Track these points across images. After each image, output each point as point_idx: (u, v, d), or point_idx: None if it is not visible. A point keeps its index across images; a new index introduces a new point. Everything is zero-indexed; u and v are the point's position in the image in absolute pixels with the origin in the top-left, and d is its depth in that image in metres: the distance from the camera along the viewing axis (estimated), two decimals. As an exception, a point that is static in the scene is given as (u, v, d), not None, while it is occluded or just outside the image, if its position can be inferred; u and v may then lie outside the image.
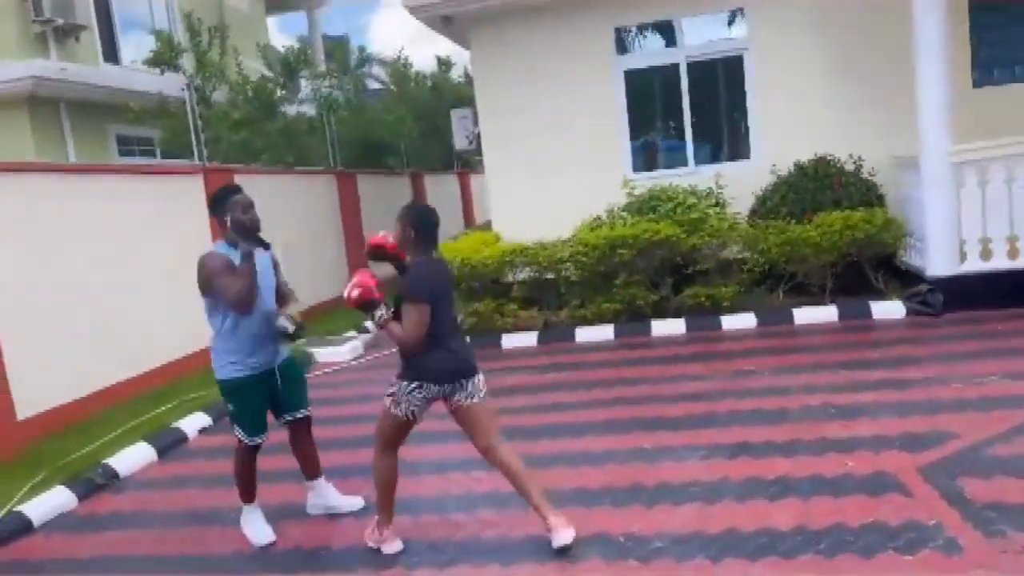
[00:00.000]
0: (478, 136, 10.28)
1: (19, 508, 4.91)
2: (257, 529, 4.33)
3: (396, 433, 3.89)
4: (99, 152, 12.01)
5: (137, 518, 4.90)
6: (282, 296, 4.37)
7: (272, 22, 19.23)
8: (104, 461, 5.65)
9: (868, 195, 8.35)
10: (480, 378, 3.87)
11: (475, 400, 3.82)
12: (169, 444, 6.18)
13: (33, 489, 5.22)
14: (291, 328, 4.09)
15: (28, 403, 6.17)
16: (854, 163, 8.63)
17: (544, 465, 4.80)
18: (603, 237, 8.03)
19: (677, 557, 3.55)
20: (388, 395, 3.84)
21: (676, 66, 9.44)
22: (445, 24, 9.75)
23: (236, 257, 3.99)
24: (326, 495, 4.56)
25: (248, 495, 4.40)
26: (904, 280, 8.12)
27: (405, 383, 3.76)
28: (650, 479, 4.44)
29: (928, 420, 4.83)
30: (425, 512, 4.38)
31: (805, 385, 5.84)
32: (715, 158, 9.68)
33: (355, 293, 3.73)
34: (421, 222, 3.80)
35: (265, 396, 4.24)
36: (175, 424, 6.49)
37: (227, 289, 3.92)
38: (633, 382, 6.52)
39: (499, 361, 7.75)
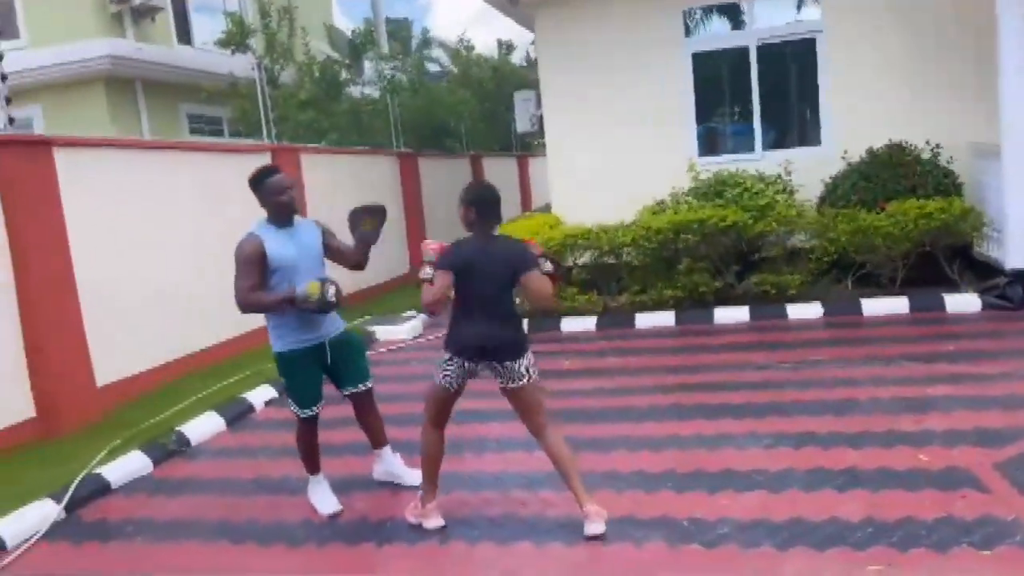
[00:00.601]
0: (540, 118, 10.25)
1: (98, 471, 5.11)
2: (323, 499, 4.44)
3: (438, 404, 3.96)
4: (171, 129, 12.35)
5: (209, 484, 5.06)
6: (343, 255, 4.48)
7: (337, 4, 19.47)
8: (177, 428, 5.84)
9: (945, 183, 8.09)
10: (523, 364, 3.82)
11: (520, 383, 3.83)
12: (237, 415, 6.36)
13: (111, 453, 5.42)
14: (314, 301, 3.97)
15: (107, 371, 6.41)
16: (931, 150, 8.37)
17: (604, 448, 4.82)
18: (667, 222, 7.95)
19: (742, 544, 3.52)
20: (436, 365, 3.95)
21: (745, 49, 9.26)
22: (511, 4, 9.73)
23: (273, 237, 4.16)
24: (391, 463, 4.66)
25: (312, 466, 4.51)
26: (981, 272, 7.86)
27: (444, 353, 3.89)
28: (712, 465, 4.40)
29: (1005, 416, 4.69)
30: (509, 488, 4.43)
31: (873, 377, 5.71)
32: (783, 144, 9.49)
33: (432, 247, 3.87)
34: (479, 201, 3.85)
35: (317, 369, 4.31)
36: (243, 395, 6.67)
37: (236, 289, 4.05)
38: (694, 369, 6.46)
39: (558, 344, 7.76)
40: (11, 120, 5.77)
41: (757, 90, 9.29)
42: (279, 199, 4.20)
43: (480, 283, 3.79)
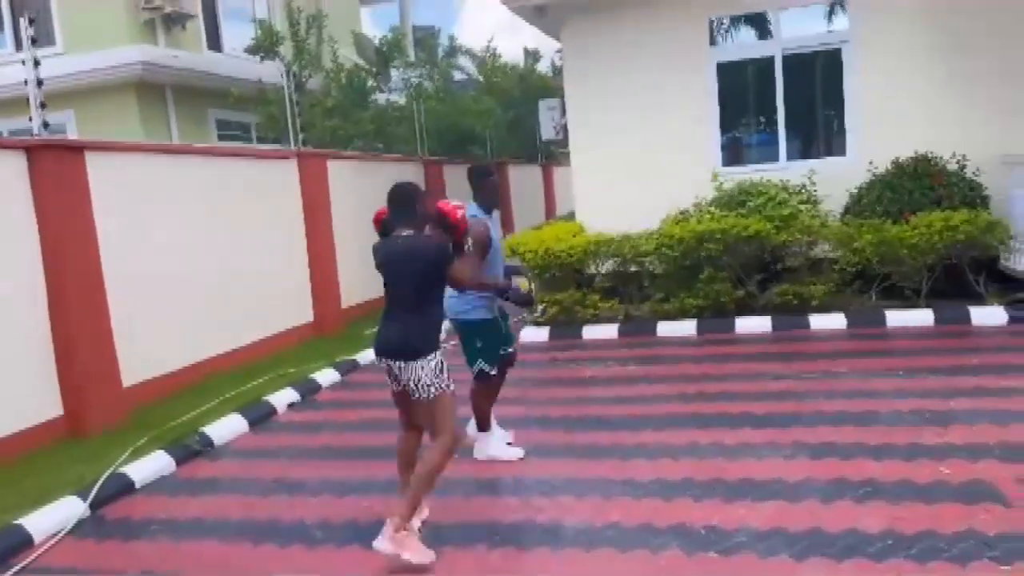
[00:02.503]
0: (565, 127, 10.28)
1: (123, 470, 5.19)
2: (504, 449, 5.02)
3: (396, 404, 4.06)
4: (200, 135, 12.53)
5: (231, 485, 5.12)
6: None
7: (365, 12, 19.66)
8: (201, 429, 5.92)
9: (971, 196, 8.01)
10: (418, 371, 3.70)
11: (416, 398, 3.78)
12: (260, 416, 6.43)
13: (136, 452, 5.51)
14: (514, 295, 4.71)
15: (133, 371, 6.51)
16: (957, 162, 8.29)
17: (624, 456, 4.83)
18: (690, 231, 7.94)
19: (760, 553, 3.51)
20: None
21: (771, 59, 9.23)
22: (538, 14, 9.78)
23: (489, 223, 4.85)
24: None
25: (486, 424, 5.03)
26: (1007, 285, 7.76)
27: None
28: (731, 475, 4.39)
29: (1030, 430, 4.63)
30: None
31: (896, 389, 5.66)
32: (808, 154, 9.45)
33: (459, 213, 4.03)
34: (389, 200, 3.96)
35: (503, 329, 4.99)
36: (266, 397, 6.74)
37: (472, 265, 4.27)
38: (715, 378, 6.44)
39: (580, 351, 7.77)
40: (46, 124, 5.88)
41: (782, 99, 9.25)
42: (496, 191, 5.13)
43: (391, 282, 3.88)
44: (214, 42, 13.44)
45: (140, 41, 11.64)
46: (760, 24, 9.48)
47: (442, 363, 3.81)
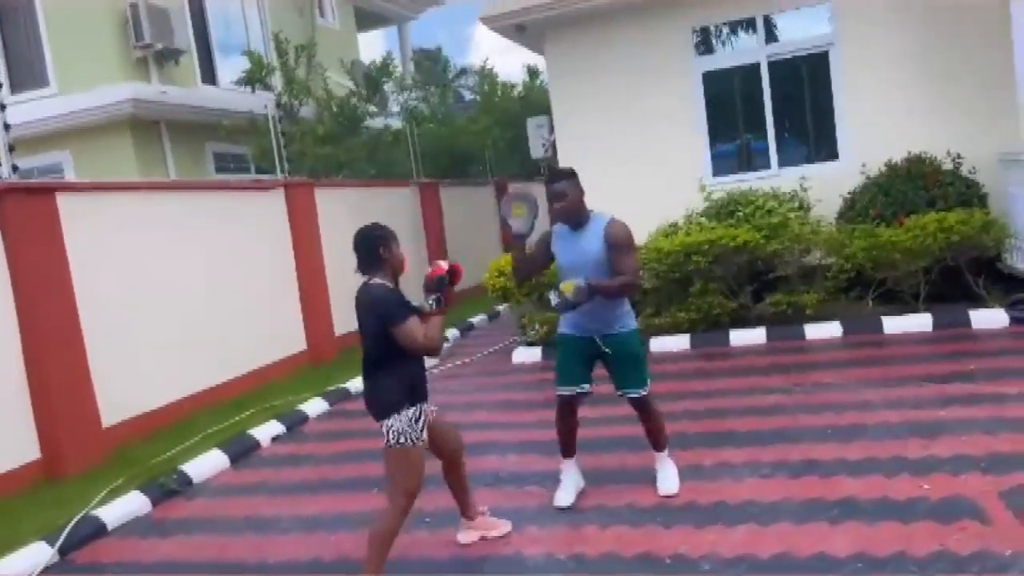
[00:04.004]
0: (554, 144, 10.19)
1: (96, 512, 5.13)
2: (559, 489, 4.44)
3: None
4: (197, 169, 12.57)
5: (204, 524, 5.03)
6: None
7: (364, 39, 19.73)
8: (179, 467, 5.85)
9: (968, 195, 7.81)
10: (387, 425, 3.60)
11: (385, 444, 3.64)
12: (242, 451, 6.34)
13: (112, 493, 5.44)
14: (553, 299, 4.13)
15: (113, 411, 6.47)
16: (952, 161, 8.09)
17: (600, 481, 4.67)
18: (677, 244, 7.80)
19: (722, 583, 3.36)
20: None
21: (757, 65, 9.11)
22: (519, 32, 9.74)
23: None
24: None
25: (562, 449, 4.50)
26: (1008, 286, 7.53)
27: None
28: (705, 498, 4.24)
29: (1020, 439, 4.43)
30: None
31: (887, 400, 5.48)
32: (800, 159, 9.26)
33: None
34: (353, 247, 3.73)
35: (578, 358, 4.36)
36: (251, 431, 6.67)
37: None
38: (703, 395, 6.28)
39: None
40: (15, 168, 5.89)
41: (771, 106, 9.11)
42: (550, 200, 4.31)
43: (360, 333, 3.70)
44: (209, 75, 13.50)
45: (133, 79, 11.72)
46: (746, 31, 9.35)
47: (420, 417, 3.63)
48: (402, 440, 3.57)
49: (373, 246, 3.69)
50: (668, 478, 4.45)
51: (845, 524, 3.70)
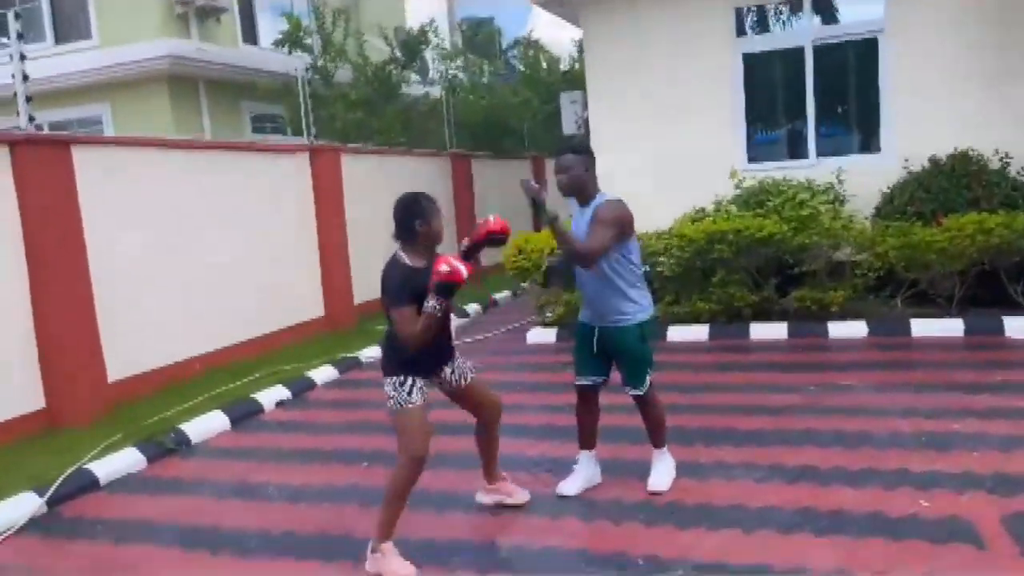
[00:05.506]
0: (586, 121, 9.95)
1: (89, 466, 5.16)
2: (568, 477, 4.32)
3: None
4: (233, 128, 12.61)
5: (192, 485, 5.03)
6: None
7: (415, 4, 19.51)
8: (179, 426, 5.87)
9: (1014, 197, 7.42)
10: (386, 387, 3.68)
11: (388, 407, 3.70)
12: (244, 415, 6.35)
13: (108, 448, 5.48)
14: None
15: (120, 366, 6.52)
16: (1000, 160, 7.70)
17: (587, 471, 4.54)
18: (701, 231, 7.56)
19: (691, 589, 3.22)
20: None
21: (800, 50, 8.73)
22: (557, 3, 9.49)
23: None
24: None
25: (578, 438, 4.37)
26: (1049, 294, 7.17)
27: None
28: (692, 498, 4.09)
29: (1033, 459, 4.19)
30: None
31: (902, 407, 5.24)
32: (839, 150, 8.89)
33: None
34: (394, 212, 3.72)
35: (586, 348, 4.24)
36: (255, 395, 6.67)
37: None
38: (714, 389, 6.10)
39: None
40: (31, 119, 5.90)
41: (812, 93, 8.73)
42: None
43: None
44: (250, 35, 13.51)
45: (174, 34, 11.77)
46: (790, 13, 8.97)
47: (407, 383, 3.63)
48: (390, 403, 3.64)
49: (410, 218, 3.67)
50: (660, 475, 4.30)
51: (832, 537, 3.52)
